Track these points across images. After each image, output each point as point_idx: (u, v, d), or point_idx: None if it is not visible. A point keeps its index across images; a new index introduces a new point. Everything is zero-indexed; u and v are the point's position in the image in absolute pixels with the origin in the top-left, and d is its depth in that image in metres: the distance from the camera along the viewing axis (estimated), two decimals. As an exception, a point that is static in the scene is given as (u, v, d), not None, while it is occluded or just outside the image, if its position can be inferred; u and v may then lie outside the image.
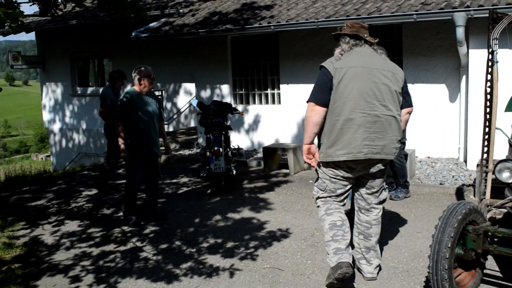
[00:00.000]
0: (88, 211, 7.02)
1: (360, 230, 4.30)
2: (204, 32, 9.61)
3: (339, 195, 4.14)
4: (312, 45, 9.75)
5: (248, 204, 6.97)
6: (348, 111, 3.84)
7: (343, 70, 3.90)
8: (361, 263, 4.34)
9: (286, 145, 9.10)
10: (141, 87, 6.10)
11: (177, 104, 13.23)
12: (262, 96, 10.70)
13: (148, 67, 6.20)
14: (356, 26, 4.08)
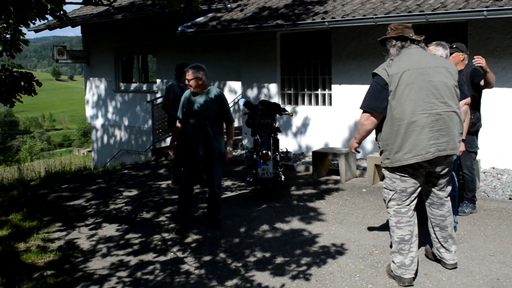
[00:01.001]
0: (127, 214, 6.62)
1: (435, 223, 4.43)
2: (253, 28, 9.10)
3: (410, 194, 4.19)
4: (367, 44, 9.09)
5: (297, 213, 6.42)
6: (409, 114, 3.93)
7: (398, 75, 3.97)
8: (441, 251, 4.48)
9: (337, 149, 8.48)
10: (190, 87, 5.73)
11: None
12: (311, 96, 10.11)
13: (190, 66, 5.82)
14: (400, 27, 4.16)
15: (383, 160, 4.20)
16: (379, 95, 4.04)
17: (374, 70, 4.10)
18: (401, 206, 4.21)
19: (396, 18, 7.67)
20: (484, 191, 7.12)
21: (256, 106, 7.87)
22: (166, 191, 7.73)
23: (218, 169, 5.84)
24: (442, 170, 4.21)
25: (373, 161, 7.81)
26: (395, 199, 4.21)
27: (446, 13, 7.31)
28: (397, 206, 4.21)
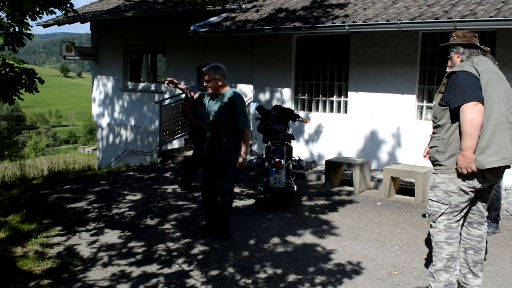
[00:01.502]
0: (130, 220, 6.27)
1: (470, 245, 4.11)
2: (270, 30, 8.75)
3: (461, 210, 3.93)
4: (387, 50, 8.74)
5: (309, 226, 6.06)
6: (497, 115, 3.71)
7: (487, 74, 3.76)
8: (467, 277, 4.14)
9: (352, 159, 8.11)
10: (208, 89, 5.53)
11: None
12: (326, 103, 9.75)
13: (207, 67, 5.56)
14: (469, 35, 4.02)
15: (448, 165, 3.81)
16: (476, 87, 3.66)
17: (454, 69, 3.78)
18: (452, 221, 3.93)
19: (422, 24, 7.33)
20: (507, 210, 6.75)
21: (269, 111, 7.52)
22: (172, 196, 7.38)
23: (230, 176, 5.51)
24: (496, 182, 4.04)
25: (390, 173, 7.45)
26: (447, 213, 3.92)
27: (476, 21, 6.94)
28: (448, 221, 3.92)
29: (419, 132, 8.51)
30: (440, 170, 3.89)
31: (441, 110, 3.84)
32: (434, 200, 3.96)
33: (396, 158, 8.77)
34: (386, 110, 8.82)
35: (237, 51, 11.51)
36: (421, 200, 7.20)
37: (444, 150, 3.84)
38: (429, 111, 8.62)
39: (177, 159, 9.92)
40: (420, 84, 8.60)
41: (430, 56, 8.50)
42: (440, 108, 3.86)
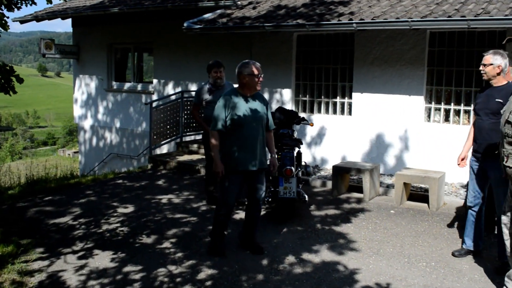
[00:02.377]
0: (123, 237, 5.60)
1: None
2: (271, 27, 8.15)
3: None
4: (394, 49, 8.22)
5: (325, 240, 5.50)
6: None
7: None
8: None
9: (361, 164, 7.57)
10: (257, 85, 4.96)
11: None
12: (329, 104, 9.19)
13: (249, 62, 4.98)
14: None
15: None
16: None
17: None
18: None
19: (434, 22, 6.85)
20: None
21: (272, 114, 6.94)
22: (168, 208, 6.73)
23: (264, 182, 5.10)
24: None
25: (402, 179, 6.96)
26: None
27: (491, 19, 6.49)
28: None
29: (427, 134, 8.04)
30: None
31: None
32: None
33: (404, 162, 8.27)
34: (392, 112, 8.30)
35: (231, 50, 10.89)
36: (435, 207, 6.73)
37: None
38: (437, 113, 8.13)
39: (169, 164, 9.27)
40: (428, 85, 8.10)
41: (438, 56, 8.01)
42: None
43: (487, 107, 4.69)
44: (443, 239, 5.59)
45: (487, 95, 4.74)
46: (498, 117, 4.49)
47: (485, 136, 4.69)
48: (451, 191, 7.45)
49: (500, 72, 4.63)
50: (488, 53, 4.69)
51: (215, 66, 6.62)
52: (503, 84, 4.68)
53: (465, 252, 5.05)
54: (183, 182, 8.31)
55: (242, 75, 4.80)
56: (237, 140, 4.78)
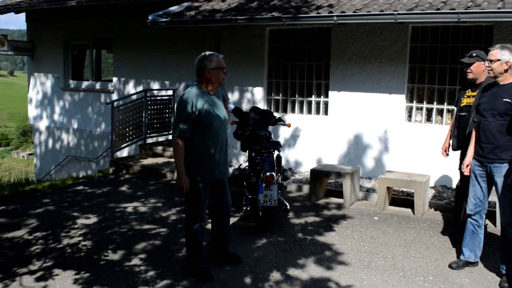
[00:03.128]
0: (86, 253, 4.96)
1: None
2: (244, 20, 7.62)
3: None
4: (373, 45, 7.84)
5: (310, 252, 5.04)
6: None
7: None
8: None
9: (340, 168, 7.15)
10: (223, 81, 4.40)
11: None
12: (304, 104, 8.73)
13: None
14: None
15: None
16: None
17: None
18: None
19: (421, 15, 6.48)
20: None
21: (247, 114, 6.48)
22: (134, 218, 6.12)
23: (228, 187, 4.58)
24: None
25: (386, 183, 6.59)
26: None
27: (483, 13, 6.16)
28: None
29: (408, 135, 7.68)
30: None
31: None
32: None
33: (383, 164, 7.90)
34: (372, 111, 7.92)
35: (198, 46, 10.30)
36: (421, 212, 6.40)
37: None
38: (419, 113, 7.80)
39: (133, 168, 8.62)
40: (409, 83, 7.75)
41: (420, 52, 7.67)
42: None
43: (493, 108, 4.27)
44: (435, 248, 5.23)
45: (493, 94, 4.33)
46: (506, 119, 4.17)
47: (491, 139, 4.28)
48: (434, 195, 7.12)
49: (508, 68, 4.23)
50: (494, 48, 4.29)
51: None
52: (511, 82, 4.29)
53: (463, 264, 4.68)
54: (149, 187, 7.70)
55: (206, 69, 4.16)
56: (205, 146, 4.19)
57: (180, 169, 4.11)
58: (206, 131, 4.15)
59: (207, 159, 4.19)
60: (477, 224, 4.56)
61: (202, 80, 4.22)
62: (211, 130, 4.17)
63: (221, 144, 4.26)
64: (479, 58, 5.06)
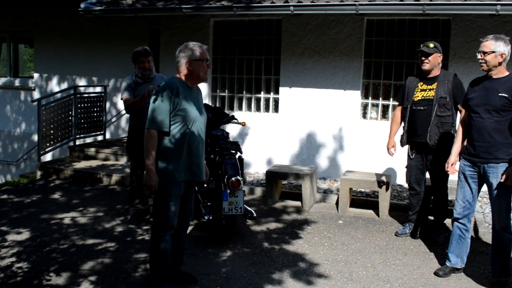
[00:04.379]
0: (24, 277, 4.14)
1: None
2: (190, 10, 6.99)
3: None
4: (327, 39, 7.49)
5: (282, 265, 4.57)
6: None
7: None
8: None
9: (298, 169, 6.73)
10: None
11: (119, 105, 10.25)
12: (252, 100, 8.22)
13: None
14: None
15: None
16: None
17: None
18: None
19: (384, 6, 6.21)
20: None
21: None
22: (75, 231, 5.33)
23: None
24: None
25: (348, 184, 6.24)
26: None
27: (450, 4, 5.96)
28: None
29: (363, 133, 7.41)
30: None
31: None
32: None
33: (338, 163, 7.59)
34: (325, 108, 7.57)
35: (132, 38, 9.52)
36: (386, 214, 6.11)
37: None
38: (374, 109, 7.57)
39: (64, 173, 7.70)
40: (364, 78, 7.48)
41: (376, 46, 7.42)
42: None
43: (488, 103, 3.97)
44: (412, 254, 4.93)
45: (486, 89, 4.02)
46: (503, 115, 3.89)
47: (486, 137, 3.98)
48: (394, 195, 6.89)
49: (503, 61, 3.95)
50: (488, 39, 3.98)
51: (142, 55, 5.41)
52: (506, 75, 4.01)
53: (449, 271, 4.39)
54: (85, 194, 6.87)
55: (187, 61, 3.67)
56: (180, 144, 3.68)
57: (150, 165, 3.58)
58: (182, 127, 3.66)
59: (182, 157, 3.69)
60: (465, 228, 4.28)
61: (182, 72, 3.73)
62: (188, 126, 3.68)
63: (197, 143, 3.76)
64: (437, 49, 4.98)
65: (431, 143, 4.95)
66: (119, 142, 9.43)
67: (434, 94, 4.95)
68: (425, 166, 5.19)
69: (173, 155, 3.66)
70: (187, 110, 3.64)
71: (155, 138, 3.60)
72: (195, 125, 3.72)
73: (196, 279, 4.10)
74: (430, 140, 4.95)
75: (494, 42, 3.93)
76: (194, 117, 3.70)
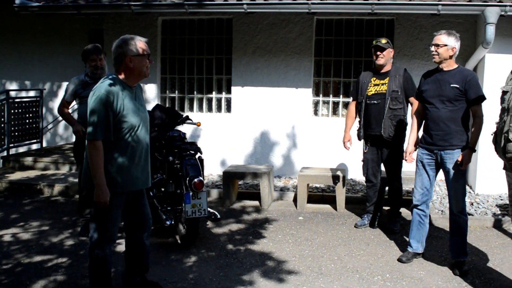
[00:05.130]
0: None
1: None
2: (139, 7, 6.76)
3: None
4: (278, 38, 7.50)
5: (251, 265, 4.49)
6: None
7: None
8: None
9: (255, 168, 6.70)
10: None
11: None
12: (203, 101, 8.09)
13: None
14: None
15: None
16: None
17: None
18: None
19: (335, 5, 6.32)
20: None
21: (151, 114, 5.66)
22: (19, 249, 4.85)
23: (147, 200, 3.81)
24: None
25: (306, 180, 6.31)
26: None
27: (396, 4, 6.19)
28: None
29: (315, 129, 7.50)
30: None
31: None
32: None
33: (292, 161, 7.62)
34: (278, 106, 7.59)
35: (70, 39, 9.14)
36: (343, 207, 6.24)
37: None
38: (325, 106, 7.66)
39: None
40: (315, 77, 7.56)
41: (325, 45, 7.53)
42: None
43: (441, 94, 4.19)
44: (374, 244, 5.06)
45: (438, 81, 4.24)
46: (456, 104, 4.14)
47: (442, 126, 4.19)
48: (348, 188, 7.00)
49: (453, 55, 4.20)
50: (440, 33, 4.22)
51: (93, 52, 5.11)
52: (455, 68, 4.26)
53: (411, 256, 4.57)
54: (25, 208, 6.37)
55: (127, 57, 3.36)
56: (123, 151, 3.40)
57: (100, 180, 3.26)
58: (126, 132, 3.36)
59: (127, 166, 3.41)
60: (424, 214, 4.48)
61: (122, 70, 3.40)
62: (131, 130, 3.39)
63: (141, 148, 3.49)
64: (389, 45, 5.20)
65: (386, 136, 5.14)
66: (59, 150, 8.99)
67: (387, 88, 5.17)
68: (380, 158, 5.35)
69: (117, 163, 3.38)
70: (130, 115, 3.35)
71: (101, 149, 3.27)
72: (139, 128, 3.44)
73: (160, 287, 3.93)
74: (384, 132, 5.14)
75: (447, 37, 4.15)
76: (138, 120, 3.41)
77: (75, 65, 8.97)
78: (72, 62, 9.12)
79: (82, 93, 5.06)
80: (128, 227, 3.70)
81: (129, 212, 3.62)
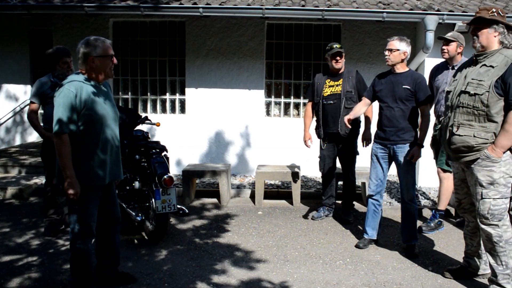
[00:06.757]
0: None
1: None
2: (93, 8, 6.77)
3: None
4: (230, 41, 7.75)
5: (221, 256, 4.71)
6: None
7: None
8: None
9: (213, 167, 6.89)
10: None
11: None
12: (157, 102, 8.19)
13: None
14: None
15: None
16: None
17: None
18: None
19: (288, 11, 6.63)
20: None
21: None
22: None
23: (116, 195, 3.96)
24: None
25: (263, 177, 6.58)
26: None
27: (345, 11, 6.60)
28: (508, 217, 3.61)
29: (268, 129, 7.82)
30: (497, 164, 3.51)
31: (497, 99, 3.43)
32: (498, 197, 3.54)
33: (246, 159, 7.89)
34: (231, 107, 7.84)
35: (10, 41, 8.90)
36: (298, 202, 6.58)
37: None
38: (277, 107, 7.99)
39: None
40: (267, 78, 7.88)
41: (276, 48, 7.86)
42: (496, 96, 3.43)
43: (394, 94, 4.61)
44: (332, 233, 5.42)
45: (391, 82, 4.67)
46: (406, 104, 4.58)
47: (395, 123, 4.62)
48: (301, 184, 7.33)
49: (404, 58, 4.64)
50: (393, 39, 4.63)
51: (66, 54, 5.11)
52: (406, 70, 4.70)
53: (367, 242, 4.97)
54: (-20, 209, 6.29)
55: (90, 57, 3.46)
56: (94, 146, 3.52)
57: (69, 171, 3.36)
58: (94, 126, 3.48)
59: (97, 160, 3.53)
60: (378, 203, 4.87)
61: (86, 70, 3.53)
62: (100, 124, 3.51)
63: (112, 141, 3.63)
64: (343, 49, 5.57)
65: (342, 133, 5.51)
66: (5, 153, 8.74)
67: (341, 89, 5.52)
68: (336, 154, 5.71)
69: (88, 157, 3.48)
70: (97, 108, 3.47)
71: (67, 142, 3.36)
72: (108, 122, 3.56)
73: (135, 277, 4.07)
74: (341, 130, 5.50)
75: (399, 42, 4.58)
76: (105, 114, 3.53)
77: (14, 67, 8.80)
78: (12, 64, 8.92)
79: (50, 93, 5.05)
80: (99, 222, 3.75)
81: (100, 206, 3.70)
